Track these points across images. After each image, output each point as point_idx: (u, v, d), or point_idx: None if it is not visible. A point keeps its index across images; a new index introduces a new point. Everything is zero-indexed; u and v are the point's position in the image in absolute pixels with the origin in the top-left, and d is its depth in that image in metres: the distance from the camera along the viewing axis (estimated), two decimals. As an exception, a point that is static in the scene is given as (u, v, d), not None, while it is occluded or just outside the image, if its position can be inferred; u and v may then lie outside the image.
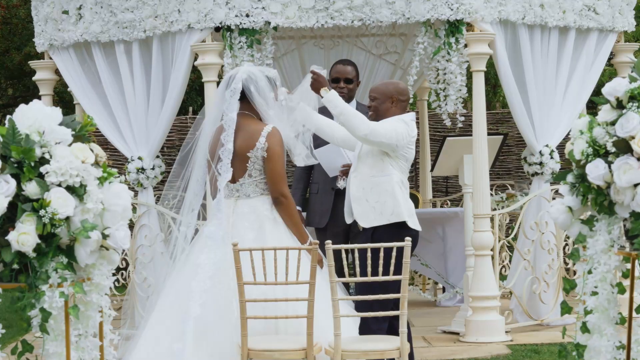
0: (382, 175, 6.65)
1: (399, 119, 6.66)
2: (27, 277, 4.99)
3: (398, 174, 6.68)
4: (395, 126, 6.59)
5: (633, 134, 5.03)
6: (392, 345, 5.94)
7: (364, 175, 6.70)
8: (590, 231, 5.30)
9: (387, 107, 6.71)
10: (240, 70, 6.56)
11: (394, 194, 6.62)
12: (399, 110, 6.73)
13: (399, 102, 6.74)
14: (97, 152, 5.26)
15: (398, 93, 6.73)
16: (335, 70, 8.00)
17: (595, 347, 5.12)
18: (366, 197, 6.67)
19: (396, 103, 6.72)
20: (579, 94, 9.17)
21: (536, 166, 8.97)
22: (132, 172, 8.80)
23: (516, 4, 8.57)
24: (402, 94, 6.76)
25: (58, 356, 5.04)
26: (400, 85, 6.82)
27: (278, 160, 6.46)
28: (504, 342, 8.29)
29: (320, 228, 8.07)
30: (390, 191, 6.62)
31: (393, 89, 6.74)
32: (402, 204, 6.65)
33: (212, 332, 6.13)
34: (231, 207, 6.49)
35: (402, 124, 6.63)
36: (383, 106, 6.72)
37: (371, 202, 6.66)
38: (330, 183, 7.96)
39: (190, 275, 6.32)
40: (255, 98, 6.48)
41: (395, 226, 6.63)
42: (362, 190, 6.68)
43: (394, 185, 6.64)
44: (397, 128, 6.58)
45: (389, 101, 6.72)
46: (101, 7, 8.73)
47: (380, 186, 6.64)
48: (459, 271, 9.69)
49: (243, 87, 6.47)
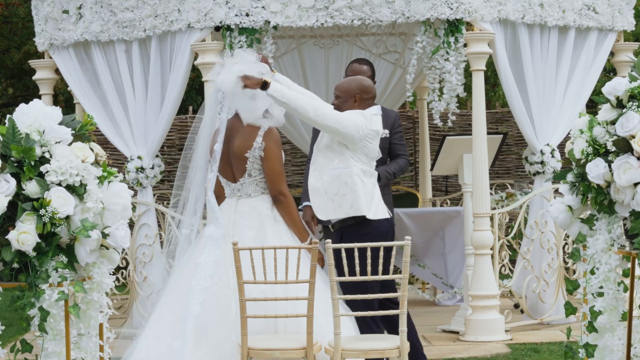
0: (341, 167, 6.53)
1: (358, 112, 6.51)
2: (27, 276, 5.00)
3: (358, 165, 6.52)
4: (352, 117, 6.46)
5: (633, 133, 5.03)
6: (392, 344, 5.94)
7: (322, 168, 6.58)
8: (590, 230, 5.31)
9: (350, 105, 6.59)
10: None
11: (354, 186, 6.50)
12: (362, 109, 6.60)
13: (363, 101, 6.60)
14: (97, 152, 5.27)
15: (361, 91, 6.62)
16: (351, 69, 7.93)
17: (608, 346, 5.13)
18: (325, 189, 6.57)
19: (359, 102, 6.60)
20: (579, 93, 9.17)
21: (537, 165, 8.97)
22: (131, 172, 8.80)
23: (516, 4, 8.57)
24: (366, 92, 6.63)
25: (57, 355, 5.05)
26: (364, 83, 6.67)
27: (276, 159, 6.46)
28: (503, 341, 8.29)
29: (327, 225, 8.03)
30: (350, 184, 6.50)
31: (356, 87, 6.63)
32: (361, 196, 6.51)
33: (211, 330, 6.14)
34: (232, 206, 6.51)
35: (360, 116, 6.48)
36: (346, 105, 6.61)
37: (330, 194, 6.57)
38: None
39: (190, 274, 6.34)
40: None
41: (360, 222, 6.55)
42: (320, 182, 6.58)
43: (354, 177, 6.50)
44: (355, 119, 6.44)
45: (351, 99, 6.60)
46: (101, 6, 8.73)
47: (340, 178, 6.52)
48: (458, 270, 9.69)
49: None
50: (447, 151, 8.83)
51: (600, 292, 5.15)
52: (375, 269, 5.93)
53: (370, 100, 6.64)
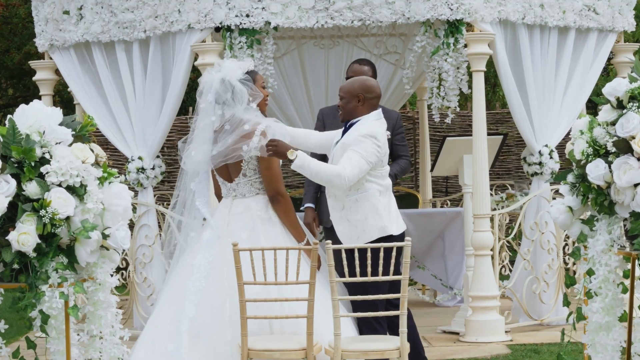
0: (358, 192, 6.39)
1: (367, 136, 6.34)
2: (28, 277, 5.00)
3: (375, 186, 6.41)
4: (365, 155, 6.30)
5: (633, 134, 5.04)
6: (392, 345, 5.94)
7: (337, 195, 6.45)
8: (590, 231, 5.31)
9: (354, 106, 6.48)
10: (214, 82, 6.55)
11: (375, 208, 6.39)
12: (367, 109, 6.48)
13: (367, 100, 6.52)
14: (98, 152, 5.27)
15: (364, 91, 6.49)
16: (351, 69, 7.92)
17: (602, 343, 5.14)
18: (347, 217, 6.44)
19: (363, 101, 6.50)
20: (579, 94, 9.17)
21: (536, 166, 8.97)
22: (132, 172, 8.80)
23: (516, 4, 8.56)
24: (369, 92, 6.51)
25: (61, 354, 5.05)
26: (368, 82, 6.55)
27: (273, 159, 6.47)
28: (503, 342, 8.29)
29: (329, 227, 8.03)
30: (370, 207, 6.39)
31: (358, 87, 6.50)
32: (384, 217, 6.41)
33: (207, 331, 6.15)
34: (228, 206, 6.53)
35: (370, 143, 6.34)
36: (349, 105, 6.49)
37: (352, 221, 6.43)
38: None
39: (186, 276, 6.35)
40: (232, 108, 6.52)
41: (385, 238, 6.41)
42: (341, 210, 6.45)
43: (372, 200, 6.39)
44: (367, 157, 6.30)
45: (355, 100, 6.48)
46: (102, 7, 8.73)
47: (358, 203, 6.39)
48: (458, 271, 9.70)
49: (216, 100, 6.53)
50: (447, 152, 8.83)
51: (599, 292, 5.16)
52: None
53: (375, 100, 6.52)
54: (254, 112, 6.53)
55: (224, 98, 6.49)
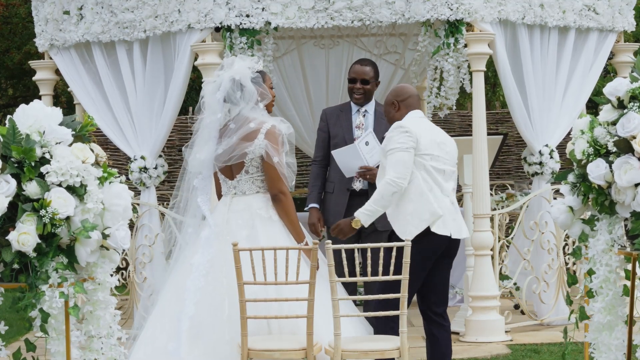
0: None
1: (392, 130, 6.45)
2: (28, 277, 5.00)
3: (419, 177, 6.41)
4: (398, 148, 6.37)
5: (634, 134, 5.04)
6: (392, 345, 5.94)
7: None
8: (591, 231, 5.31)
9: (393, 113, 6.64)
10: (224, 81, 6.57)
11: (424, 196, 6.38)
12: (405, 109, 6.61)
13: (400, 103, 6.67)
14: (98, 152, 5.27)
15: (395, 96, 6.66)
16: (353, 70, 7.92)
17: (605, 343, 5.14)
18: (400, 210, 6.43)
19: (397, 105, 6.66)
20: (579, 94, 9.17)
21: (536, 166, 8.97)
22: (134, 172, 8.80)
23: (516, 4, 8.57)
24: (399, 95, 6.68)
25: (61, 355, 5.05)
26: (398, 87, 6.75)
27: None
28: (503, 341, 8.29)
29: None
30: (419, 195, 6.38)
31: (391, 95, 6.69)
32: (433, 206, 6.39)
33: (206, 330, 6.15)
34: (227, 203, 6.53)
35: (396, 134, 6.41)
36: (390, 115, 6.66)
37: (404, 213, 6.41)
38: (346, 183, 7.85)
39: (185, 275, 6.35)
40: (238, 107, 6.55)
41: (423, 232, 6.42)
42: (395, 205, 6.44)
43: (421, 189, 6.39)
44: (402, 146, 6.36)
45: (392, 107, 6.65)
46: (102, 7, 8.74)
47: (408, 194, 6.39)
48: (459, 271, 9.69)
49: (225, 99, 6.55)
50: (447, 152, 8.82)
51: (600, 292, 5.16)
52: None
53: (409, 99, 6.63)
54: (260, 112, 6.56)
55: (233, 97, 6.52)
